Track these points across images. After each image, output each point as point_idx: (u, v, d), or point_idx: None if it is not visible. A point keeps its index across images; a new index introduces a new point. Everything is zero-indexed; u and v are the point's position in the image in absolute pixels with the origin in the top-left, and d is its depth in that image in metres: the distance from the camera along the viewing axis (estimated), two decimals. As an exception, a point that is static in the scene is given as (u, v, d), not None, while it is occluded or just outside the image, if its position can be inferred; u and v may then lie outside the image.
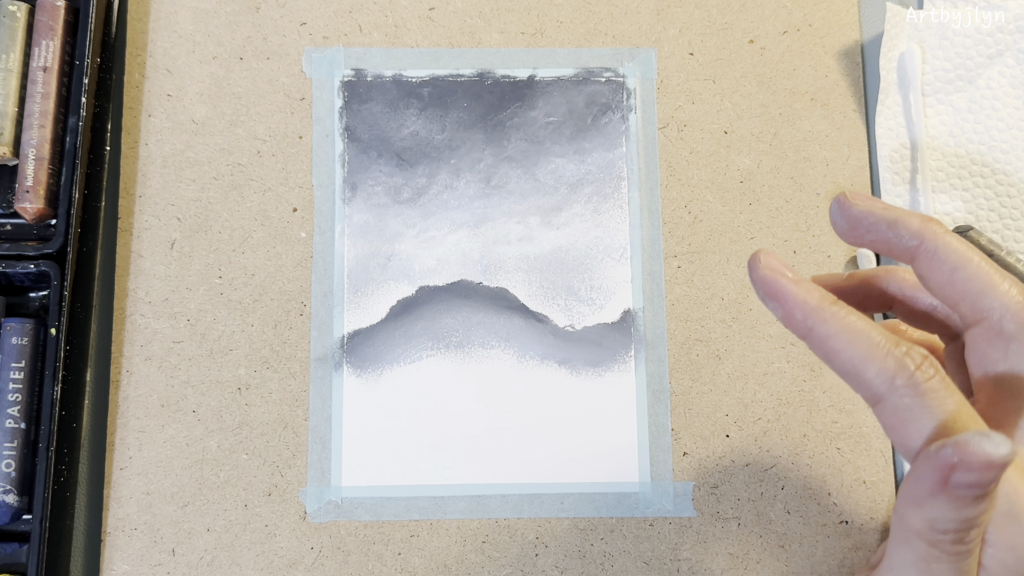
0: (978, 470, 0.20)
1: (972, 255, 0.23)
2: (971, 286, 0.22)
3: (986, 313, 0.22)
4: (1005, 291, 0.22)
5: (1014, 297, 0.22)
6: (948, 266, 0.23)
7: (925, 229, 0.23)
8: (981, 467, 0.20)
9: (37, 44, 0.33)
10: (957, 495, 0.20)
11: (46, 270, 0.32)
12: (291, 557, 0.32)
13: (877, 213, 0.24)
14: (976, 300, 0.22)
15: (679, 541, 0.33)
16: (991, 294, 0.22)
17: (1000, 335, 0.22)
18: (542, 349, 0.34)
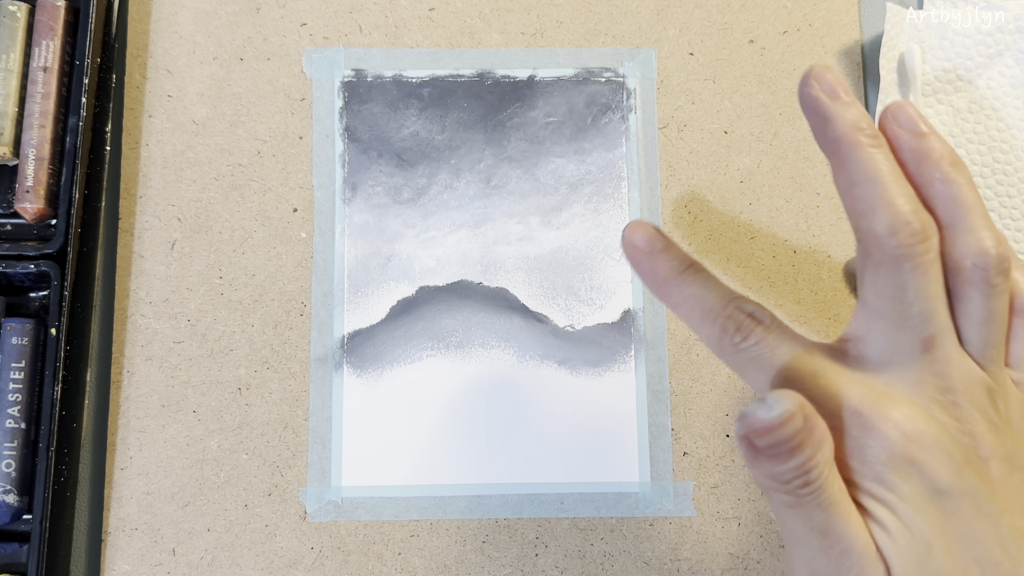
0: (766, 434, 0.22)
1: (876, 175, 0.24)
2: (859, 205, 0.24)
3: (862, 235, 0.24)
4: (880, 220, 0.23)
5: (883, 229, 0.23)
6: (848, 179, 0.24)
7: (844, 138, 0.24)
8: (767, 431, 0.22)
9: (37, 44, 0.33)
10: (769, 455, 0.22)
11: (46, 270, 0.32)
12: (291, 557, 0.32)
13: (820, 101, 0.25)
14: (859, 219, 0.24)
15: (679, 541, 0.33)
16: (868, 220, 0.24)
17: (867, 259, 0.24)
18: (542, 349, 0.34)
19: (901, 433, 0.23)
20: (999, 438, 0.24)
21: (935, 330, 0.24)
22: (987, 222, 0.25)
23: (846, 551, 0.23)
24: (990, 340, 0.25)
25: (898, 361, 0.24)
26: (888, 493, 0.23)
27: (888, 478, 0.23)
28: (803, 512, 0.23)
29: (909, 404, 0.24)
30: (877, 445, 0.23)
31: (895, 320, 0.24)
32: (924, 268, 0.24)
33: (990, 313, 0.25)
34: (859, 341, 0.25)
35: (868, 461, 0.23)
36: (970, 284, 0.25)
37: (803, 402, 0.22)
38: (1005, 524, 0.24)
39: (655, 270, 0.27)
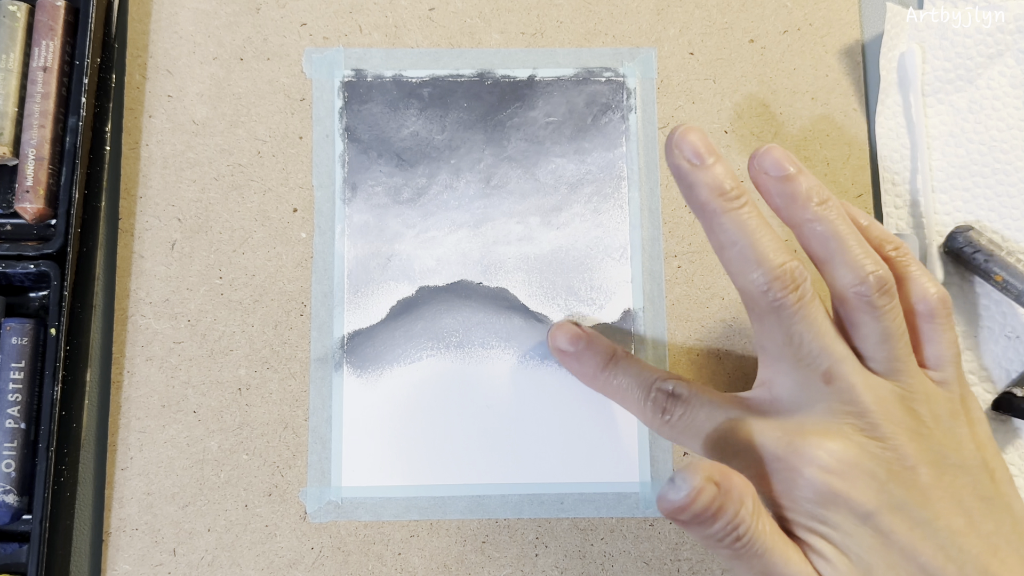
0: (682, 512, 0.23)
1: (740, 237, 0.25)
2: (731, 266, 0.26)
3: (740, 291, 0.26)
4: (752, 278, 0.25)
5: (756, 287, 0.25)
6: (717, 242, 0.26)
7: (707, 205, 0.26)
8: (681, 510, 0.23)
9: (37, 44, 0.33)
10: (696, 524, 0.23)
11: (46, 270, 0.32)
12: (291, 557, 0.32)
13: (682, 169, 0.26)
14: (734, 278, 0.26)
15: (680, 541, 0.33)
16: (742, 279, 0.26)
17: (751, 311, 0.26)
18: (542, 349, 0.34)
19: (820, 468, 0.24)
20: (923, 444, 0.25)
21: (831, 362, 0.25)
22: (862, 249, 0.26)
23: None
24: (892, 355, 0.26)
25: (806, 397, 0.25)
26: (821, 526, 0.24)
27: (818, 512, 0.24)
28: (743, 562, 0.24)
29: (825, 436, 0.25)
30: (801, 485, 0.24)
31: (792, 361, 0.26)
32: (803, 312, 0.25)
33: (884, 332, 0.26)
34: (769, 385, 0.27)
35: (797, 499, 0.24)
36: (858, 311, 0.26)
37: (712, 471, 0.23)
38: (942, 528, 0.24)
39: (583, 369, 0.31)
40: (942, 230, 0.34)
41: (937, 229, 0.34)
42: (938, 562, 0.24)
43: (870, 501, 0.24)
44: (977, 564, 0.24)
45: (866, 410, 0.25)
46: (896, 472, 0.24)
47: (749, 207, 0.25)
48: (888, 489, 0.24)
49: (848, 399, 0.25)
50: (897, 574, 0.24)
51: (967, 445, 0.26)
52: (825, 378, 0.25)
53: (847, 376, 0.25)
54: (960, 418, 0.26)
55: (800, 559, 0.24)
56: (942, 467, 0.25)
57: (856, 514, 0.24)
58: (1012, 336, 0.34)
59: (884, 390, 0.25)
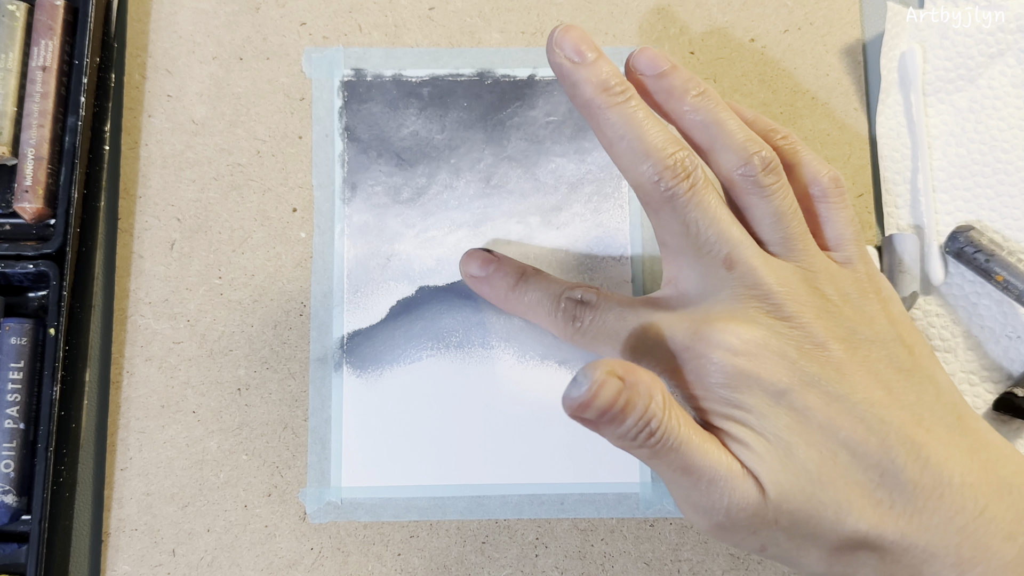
0: (586, 408, 0.22)
1: (627, 131, 0.25)
2: (621, 161, 0.26)
3: (633, 186, 0.26)
4: (642, 171, 0.25)
5: (647, 179, 0.25)
6: (606, 139, 0.26)
7: (592, 102, 0.25)
8: (585, 406, 0.22)
9: (36, 43, 0.33)
10: (605, 423, 0.23)
11: (45, 270, 0.32)
12: (291, 558, 0.32)
13: (563, 67, 0.26)
14: (625, 173, 0.26)
15: (680, 542, 0.33)
16: (632, 173, 0.25)
17: (646, 206, 0.26)
18: (542, 349, 0.34)
19: (729, 352, 0.24)
20: (831, 321, 0.25)
21: (730, 247, 0.25)
22: (744, 133, 0.26)
23: (712, 480, 0.24)
24: (788, 234, 0.26)
25: (710, 286, 0.25)
26: (736, 411, 0.24)
27: (732, 397, 0.24)
28: (662, 459, 0.24)
29: (731, 320, 0.24)
30: (711, 371, 0.24)
31: (692, 252, 0.25)
32: (696, 199, 0.25)
33: (776, 212, 0.26)
34: (675, 281, 0.26)
35: (710, 387, 0.24)
36: (747, 193, 0.26)
37: (614, 366, 0.23)
38: (860, 401, 0.24)
39: (494, 291, 0.31)
40: (943, 230, 0.34)
41: (938, 229, 0.34)
42: (859, 435, 0.23)
43: (782, 380, 0.23)
44: (900, 434, 0.23)
45: (770, 292, 0.24)
46: (806, 350, 0.24)
47: (635, 100, 0.25)
48: (800, 367, 0.24)
49: (751, 283, 0.25)
50: (818, 451, 0.23)
51: (879, 320, 0.25)
52: (726, 264, 0.25)
53: (747, 260, 0.25)
54: (869, 295, 0.26)
55: (719, 451, 0.24)
56: (854, 342, 0.25)
57: (769, 394, 0.23)
58: (1013, 336, 0.34)
59: (786, 271, 0.25)
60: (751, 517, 0.24)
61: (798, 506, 0.23)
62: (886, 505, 0.23)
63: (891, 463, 0.23)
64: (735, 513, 0.24)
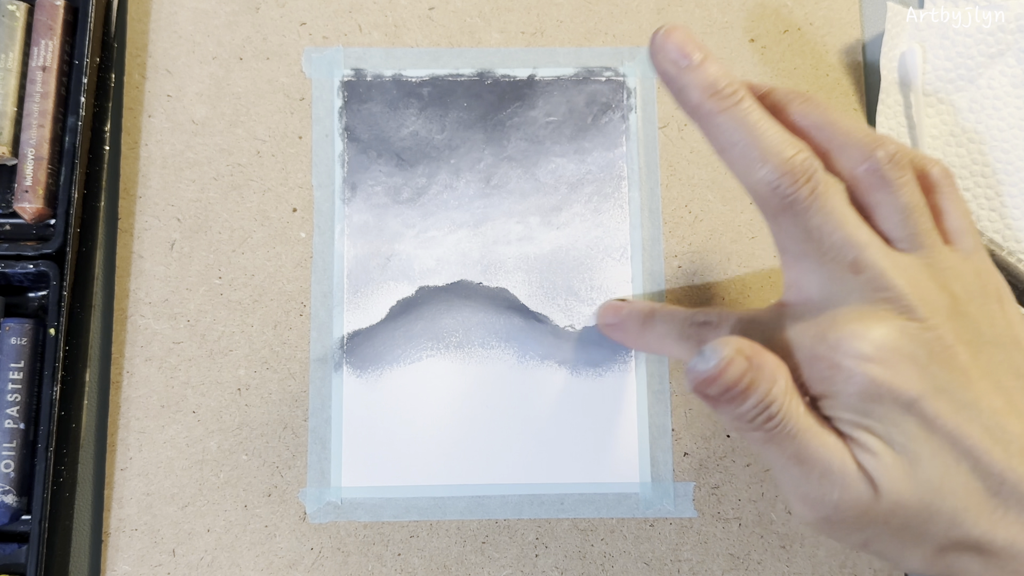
0: (711, 384, 0.22)
1: (740, 136, 0.24)
2: (736, 167, 0.25)
3: (751, 192, 0.25)
4: (760, 177, 0.24)
5: (766, 185, 0.24)
6: (719, 145, 0.25)
7: (700, 107, 0.25)
8: (710, 381, 0.22)
9: (36, 44, 0.33)
10: (726, 401, 0.23)
11: (45, 270, 0.32)
12: (291, 558, 0.32)
13: (668, 74, 0.25)
14: (742, 179, 0.25)
15: (680, 542, 0.33)
16: (750, 179, 0.24)
17: (765, 212, 0.25)
18: (542, 349, 0.34)
19: (859, 359, 0.23)
20: (959, 322, 0.24)
21: (856, 251, 0.24)
22: (862, 128, 0.25)
23: (825, 472, 0.23)
24: (917, 230, 0.25)
25: (837, 291, 0.24)
26: (864, 419, 0.24)
27: (862, 406, 0.23)
28: (776, 445, 0.23)
29: (860, 323, 0.24)
30: (842, 380, 0.23)
31: (816, 258, 0.24)
32: (819, 203, 0.24)
33: (904, 207, 0.25)
34: (797, 287, 0.25)
35: (839, 395, 0.24)
36: (873, 190, 0.25)
37: (742, 345, 0.22)
38: (985, 409, 0.23)
39: (626, 334, 0.32)
40: (943, 230, 0.34)
41: (938, 229, 0.34)
42: (984, 444, 0.23)
43: (914, 387, 0.23)
44: (1020, 444, 0.23)
45: (901, 293, 0.24)
46: (936, 353, 0.23)
47: (747, 102, 0.24)
48: (930, 372, 0.23)
49: (880, 285, 0.24)
50: (943, 460, 0.23)
51: (999, 321, 0.25)
52: (853, 268, 0.24)
53: (876, 262, 0.24)
54: (989, 292, 0.25)
55: (836, 446, 0.23)
56: (978, 345, 0.24)
57: (900, 403, 0.23)
58: (1013, 336, 0.34)
59: (915, 269, 0.24)
60: (860, 516, 0.24)
61: (913, 513, 0.23)
62: (1000, 512, 0.23)
63: (1012, 472, 0.23)
64: (844, 509, 0.23)
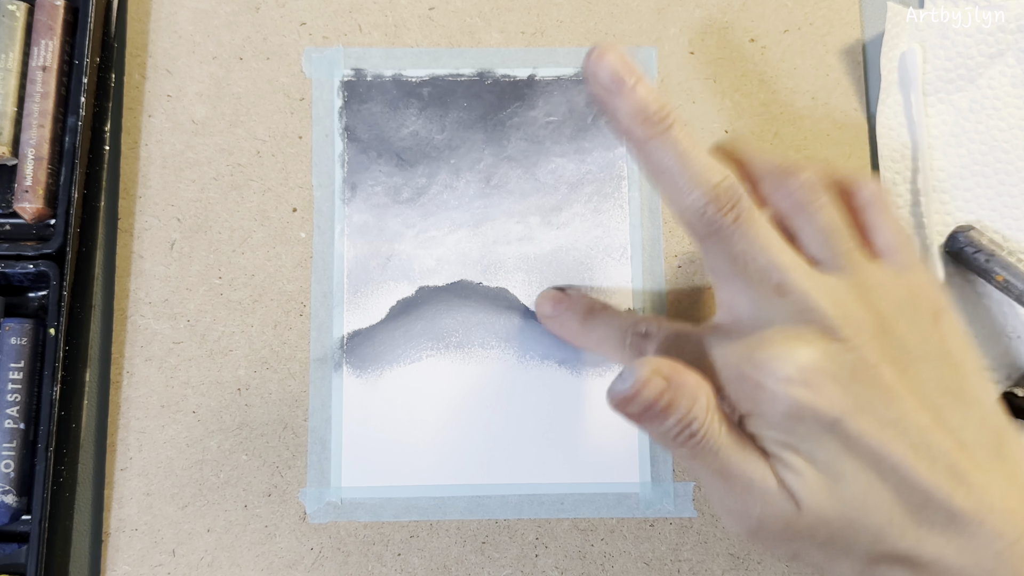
0: (629, 403, 0.23)
1: (664, 166, 0.24)
2: (664, 193, 0.25)
3: (678, 217, 0.25)
4: (685, 205, 0.24)
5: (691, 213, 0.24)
6: (646, 170, 0.25)
7: (628, 135, 0.25)
8: (627, 401, 0.23)
9: (36, 44, 0.33)
10: (648, 419, 0.24)
11: (45, 270, 0.32)
12: (291, 558, 0.32)
13: (598, 98, 0.25)
14: (669, 204, 0.25)
15: (680, 541, 0.33)
16: (676, 205, 0.25)
17: (692, 235, 0.25)
18: (542, 349, 0.34)
19: (782, 380, 0.23)
20: (885, 341, 0.24)
21: (780, 274, 0.24)
22: (781, 158, 0.26)
23: (747, 488, 0.24)
24: (838, 250, 0.25)
25: (765, 314, 0.25)
26: (788, 438, 0.24)
27: (786, 426, 0.24)
28: (700, 460, 0.24)
29: (785, 344, 0.24)
30: (765, 400, 0.24)
31: (743, 280, 0.25)
32: (742, 229, 0.24)
33: (823, 229, 0.25)
34: (728, 307, 0.26)
35: (764, 415, 0.24)
36: (794, 215, 0.26)
37: (660, 365, 0.23)
38: (911, 426, 0.24)
39: (564, 329, 0.32)
40: (943, 230, 0.34)
41: (938, 229, 0.34)
42: (910, 461, 0.23)
43: (836, 407, 0.23)
44: (947, 460, 0.23)
45: (824, 315, 0.24)
46: (859, 372, 0.24)
47: (676, 128, 0.24)
48: (853, 392, 0.24)
49: (805, 307, 0.24)
50: (867, 477, 0.23)
51: (930, 336, 0.25)
52: (778, 291, 0.24)
53: (799, 284, 0.24)
54: (922, 306, 0.25)
55: (757, 462, 0.24)
56: (905, 363, 0.24)
57: (823, 423, 0.23)
58: (1013, 336, 0.34)
59: (839, 290, 0.25)
60: (783, 529, 0.24)
61: (836, 528, 0.24)
62: (927, 527, 0.23)
63: (937, 489, 0.23)
64: (767, 523, 0.24)
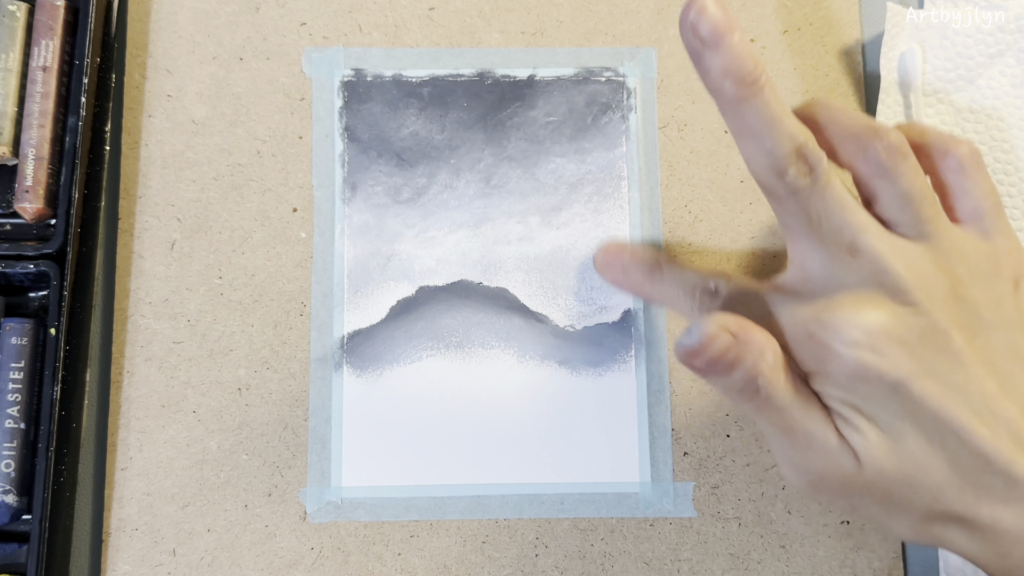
0: (695, 357, 0.24)
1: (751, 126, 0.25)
2: (745, 154, 0.25)
3: (757, 179, 0.26)
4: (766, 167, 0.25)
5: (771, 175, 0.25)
6: (732, 129, 0.25)
7: (717, 93, 0.25)
8: (694, 355, 0.24)
9: (37, 44, 0.33)
10: (714, 373, 0.24)
11: (45, 270, 0.32)
12: (291, 558, 0.32)
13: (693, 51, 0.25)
14: (749, 166, 0.26)
15: (680, 541, 0.33)
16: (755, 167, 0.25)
17: (769, 196, 0.26)
18: (542, 349, 0.34)
19: (848, 344, 0.24)
20: (957, 306, 0.25)
21: (853, 235, 0.25)
22: (863, 121, 0.26)
23: (809, 442, 0.25)
24: (918, 216, 0.25)
25: (837, 273, 0.25)
26: (852, 397, 0.24)
27: (850, 386, 0.24)
28: (765, 415, 0.25)
29: (853, 307, 0.24)
30: (831, 360, 0.24)
31: (816, 239, 0.25)
32: (820, 191, 0.25)
33: (904, 194, 0.25)
34: (800, 264, 0.26)
35: (830, 375, 0.24)
36: (873, 178, 0.26)
37: (728, 321, 0.24)
38: (975, 392, 0.24)
39: (629, 280, 0.31)
40: (942, 230, 0.34)
41: (937, 229, 0.34)
42: (971, 425, 0.23)
43: (901, 370, 0.23)
44: (1010, 428, 0.24)
45: (897, 277, 0.24)
46: (928, 337, 0.24)
47: (767, 91, 0.24)
48: (919, 355, 0.24)
49: (877, 268, 0.24)
50: (927, 438, 0.24)
51: (1007, 303, 0.25)
52: (850, 251, 0.25)
53: (872, 245, 0.24)
54: (1002, 273, 0.25)
55: (821, 419, 0.24)
56: (975, 328, 0.24)
57: (887, 384, 0.24)
58: (1012, 336, 0.34)
59: (914, 254, 0.25)
60: (842, 484, 0.25)
61: (895, 485, 0.24)
62: (985, 490, 0.24)
63: (998, 454, 0.23)
64: (827, 477, 0.25)
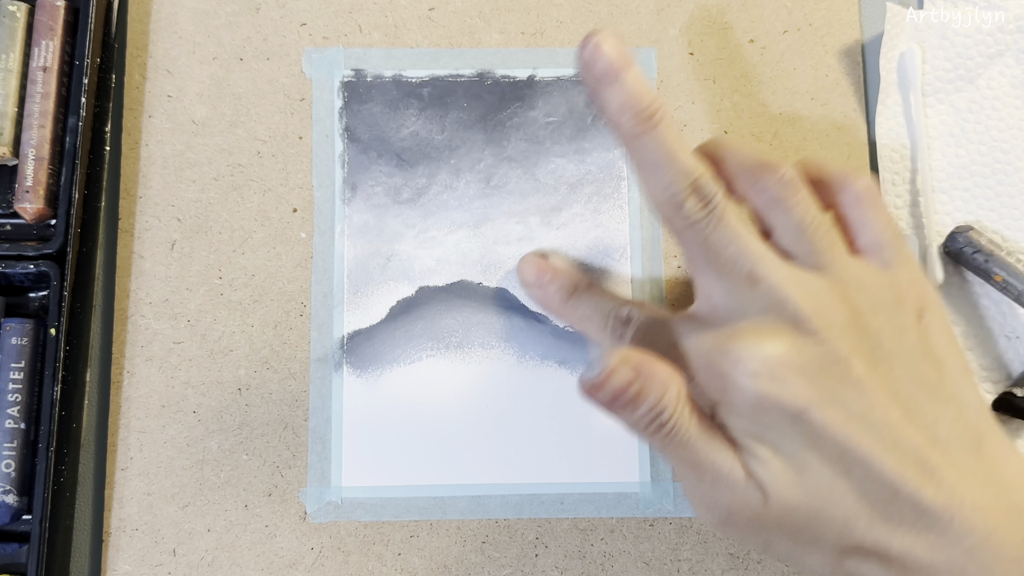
0: (596, 391, 0.24)
1: (646, 160, 0.25)
2: (644, 187, 0.26)
3: (656, 210, 0.26)
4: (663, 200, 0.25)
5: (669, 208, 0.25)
6: (631, 162, 0.26)
7: (615, 128, 0.25)
8: (595, 389, 0.24)
9: (37, 44, 0.33)
10: (618, 408, 0.24)
11: (46, 270, 0.32)
12: (291, 557, 0.32)
13: (589, 88, 0.25)
14: (648, 198, 0.26)
15: (679, 541, 0.33)
16: (654, 200, 0.25)
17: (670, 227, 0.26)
18: (542, 349, 0.34)
19: (749, 374, 0.24)
20: (857, 335, 0.24)
21: (751, 265, 0.25)
22: (759, 155, 0.26)
23: (716, 478, 0.24)
24: (813, 247, 0.25)
25: (739, 301, 0.25)
26: (755, 428, 0.24)
27: (753, 416, 0.24)
28: (672, 450, 0.25)
29: (753, 337, 0.24)
30: (732, 391, 0.24)
31: (716, 270, 0.25)
32: (715, 223, 0.25)
33: (798, 226, 0.25)
34: (706, 297, 0.26)
35: (733, 405, 0.24)
36: (769, 211, 0.26)
37: (631, 356, 0.23)
38: (878, 420, 0.24)
39: (548, 302, 0.31)
40: (942, 230, 0.34)
41: (937, 229, 0.34)
42: (875, 454, 0.23)
43: (800, 398, 0.23)
44: (916, 456, 0.23)
45: (795, 306, 0.24)
46: (828, 366, 0.24)
47: (663, 124, 0.25)
48: (819, 384, 0.24)
49: (775, 298, 0.24)
50: (832, 468, 0.24)
51: (909, 333, 0.25)
52: (749, 281, 0.25)
53: (770, 275, 0.24)
54: (904, 304, 0.25)
55: (726, 453, 0.24)
56: (877, 358, 0.24)
57: (788, 414, 0.23)
58: (1012, 336, 0.34)
59: (812, 283, 0.25)
60: (752, 520, 0.24)
61: (803, 518, 0.24)
62: (895, 521, 0.23)
63: (905, 482, 0.23)
64: (736, 513, 0.24)
